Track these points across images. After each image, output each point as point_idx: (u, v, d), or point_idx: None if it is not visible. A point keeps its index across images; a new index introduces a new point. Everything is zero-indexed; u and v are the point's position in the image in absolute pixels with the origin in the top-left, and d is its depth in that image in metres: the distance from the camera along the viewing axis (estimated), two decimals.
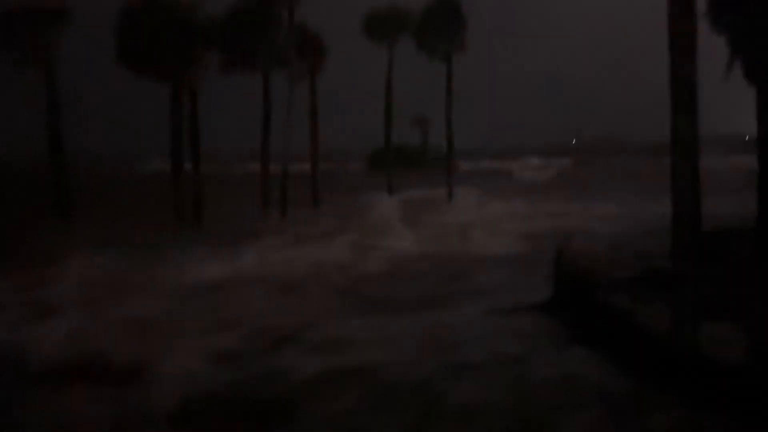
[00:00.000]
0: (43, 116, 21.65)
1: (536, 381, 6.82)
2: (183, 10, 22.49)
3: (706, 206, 9.75)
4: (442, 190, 31.51)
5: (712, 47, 10.80)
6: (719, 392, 6.37)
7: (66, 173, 21.73)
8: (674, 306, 7.91)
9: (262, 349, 8.25)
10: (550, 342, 8.10)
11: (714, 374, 6.63)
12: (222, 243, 16.36)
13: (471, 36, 31.57)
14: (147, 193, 29.78)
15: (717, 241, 12.26)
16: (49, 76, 21.59)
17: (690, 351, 7.23)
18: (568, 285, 9.50)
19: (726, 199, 15.88)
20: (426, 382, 6.84)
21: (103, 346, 8.16)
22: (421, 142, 67.87)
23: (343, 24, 33.24)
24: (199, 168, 22.84)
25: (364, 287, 12.77)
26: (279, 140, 26.25)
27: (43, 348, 8.10)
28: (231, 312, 10.34)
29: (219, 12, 25.22)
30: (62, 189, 21.45)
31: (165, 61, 21.80)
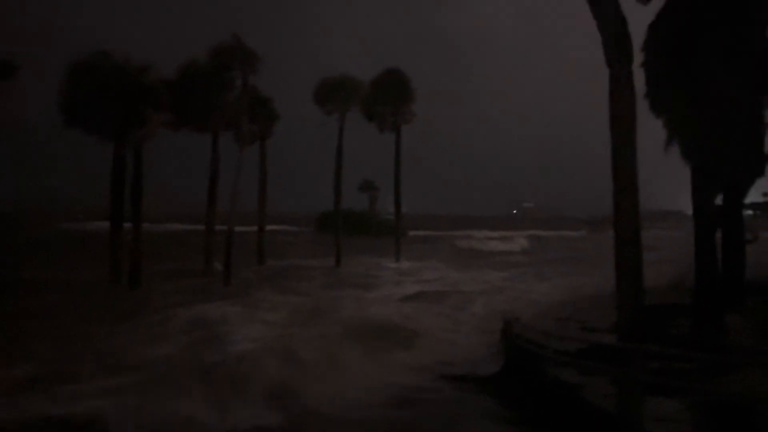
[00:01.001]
0: None
1: None
2: (131, 71, 22.12)
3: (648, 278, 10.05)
4: (390, 260, 31.36)
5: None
6: None
7: None
8: (619, 382, 7.92)
9: None
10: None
11: None
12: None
13: (422, 109, 32.71)
14: (85, 253, 28.53)
15: (658, 315, 12.62)
16: None
17: (635, 428, 7.23)
18: (516, 358, 9.46)
19: (667, 270, 16.42)
20: None
21: None
22: (369, 208, 68.76)
23: (298, 90, 33.80)
24: (140, 229, 21.94)
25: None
26: (227, 200, 25.88)
27: None
28: None
29: (174, 72, 25.15)
30: None
31: (109, 121, 21.21)
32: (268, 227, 32.11)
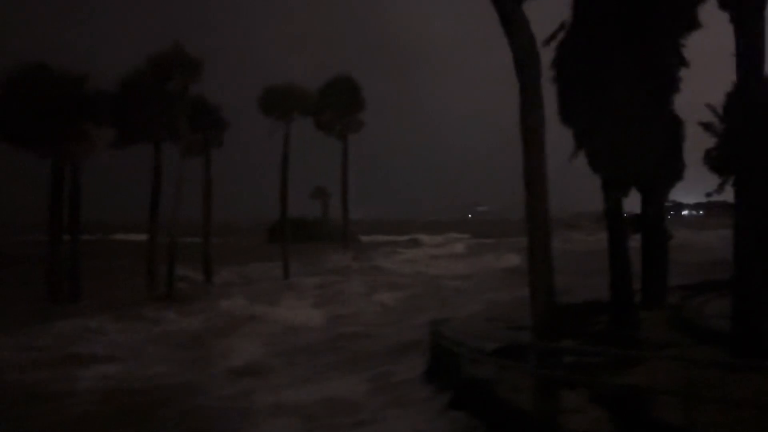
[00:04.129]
0: None
1: None
2: (68, 82, 21.69)
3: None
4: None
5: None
6: None
7: None
8: (532, 375, 8.44)
9: None
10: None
11: None
12: None
13: (374, 114, 32.98)
14: (22, 268, 27.84)
15: (581, 313, 13.32)
16: None
17: (544, 419, 7.75)
18: (441, 358, 9.93)
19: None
20: None
21: None
22: (321, 214, 68.51)
23: (248, 98, 33.71)
24: (77, 243, 21.56)
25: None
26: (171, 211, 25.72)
27: None
28: None
29: (111, 83, 24.78)
30: None
31: (47, 136, 20.75)
32: (223, 238, 31.82)
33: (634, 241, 13.31)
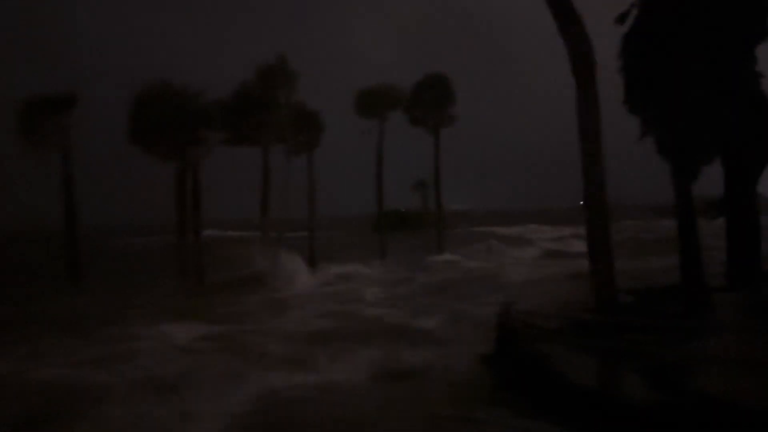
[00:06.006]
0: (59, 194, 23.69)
1: None
2: (189, 97, 24.76)
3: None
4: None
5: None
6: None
7: (78, 251, 23.61)
8: (590, 352, 9.19)
9: None
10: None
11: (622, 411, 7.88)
12: None
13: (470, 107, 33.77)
14: (151, 263, 31.36)
15: (656, 295, 13.55)
16: (65, 155, 23.82)
17: (598, 390, 8.48)
18: (506, 338, 10.83)
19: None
20: None
21: None
22: (422, 206, 69.87)
23: (336, 93, 35.61)
24: (200, 238, 24.44)
25: None
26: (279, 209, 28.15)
27: None
28: None
29: (225, 94, 27.58)
30: (75, 271, 23.37)
31: (172, 143, 23.89)
32: (329, 231, 33.86)
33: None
